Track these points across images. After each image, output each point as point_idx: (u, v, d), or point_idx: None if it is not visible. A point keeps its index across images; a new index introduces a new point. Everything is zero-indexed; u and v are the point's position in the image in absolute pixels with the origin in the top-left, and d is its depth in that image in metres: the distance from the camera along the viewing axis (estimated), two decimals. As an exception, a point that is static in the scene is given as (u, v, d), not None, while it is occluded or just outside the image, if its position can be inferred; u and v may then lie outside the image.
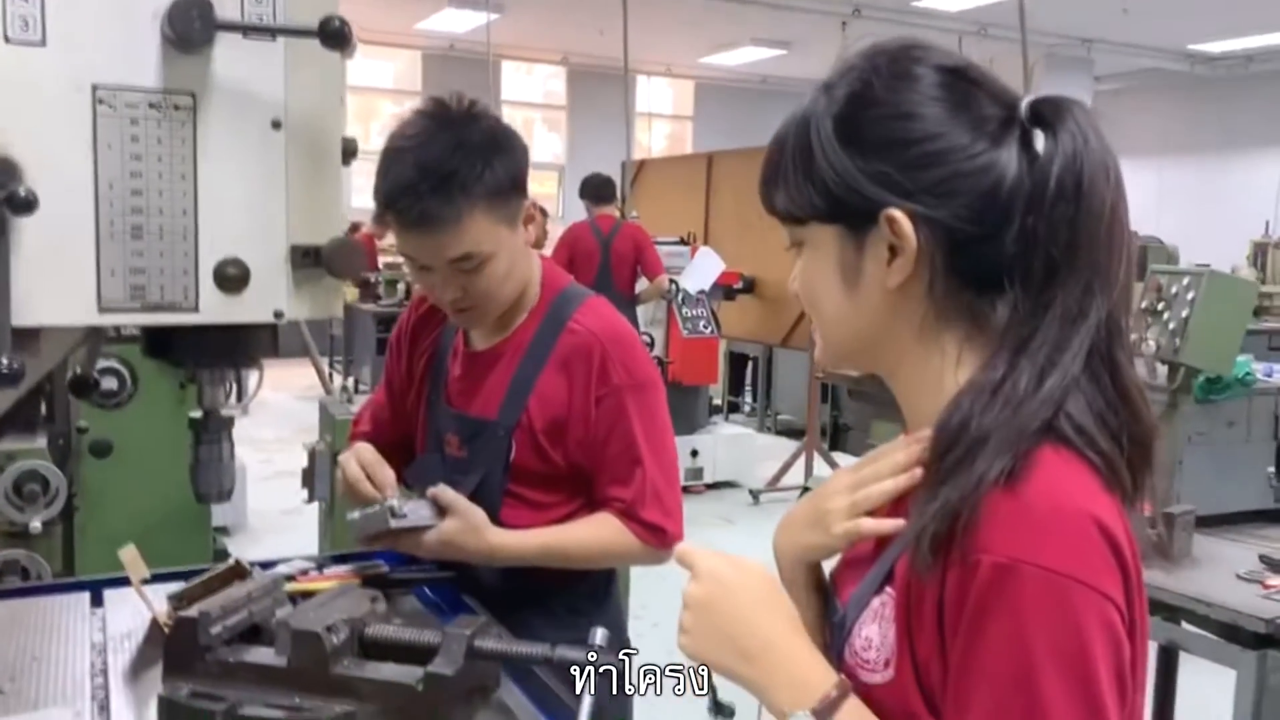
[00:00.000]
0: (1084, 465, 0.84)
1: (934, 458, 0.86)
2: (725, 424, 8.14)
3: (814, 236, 0.95)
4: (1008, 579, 0.78)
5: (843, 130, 0.90)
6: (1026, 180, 0.87)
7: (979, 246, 0.88)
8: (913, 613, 0.86)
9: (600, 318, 1.75)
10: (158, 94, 1.17)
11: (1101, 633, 0.78)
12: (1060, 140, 0.87)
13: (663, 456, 1.73)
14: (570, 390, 1.70)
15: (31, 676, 1.37)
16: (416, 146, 1.59)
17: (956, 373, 0.91)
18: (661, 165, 9.78)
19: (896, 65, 0.91)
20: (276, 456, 6.91)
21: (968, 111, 0.89)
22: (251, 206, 1.22)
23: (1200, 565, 2.66)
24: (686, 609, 0.94)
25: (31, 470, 2.77)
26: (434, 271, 1.66)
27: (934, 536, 0.82)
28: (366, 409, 2.03)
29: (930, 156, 0.88)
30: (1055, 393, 0.84)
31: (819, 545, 1.00)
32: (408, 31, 13.18)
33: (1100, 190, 0.86)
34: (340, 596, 1.40)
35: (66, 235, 1.15)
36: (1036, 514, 0.80)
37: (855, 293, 0.93)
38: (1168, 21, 11.75)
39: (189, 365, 1.34)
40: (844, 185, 0.90)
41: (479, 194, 1.59)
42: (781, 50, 13.78)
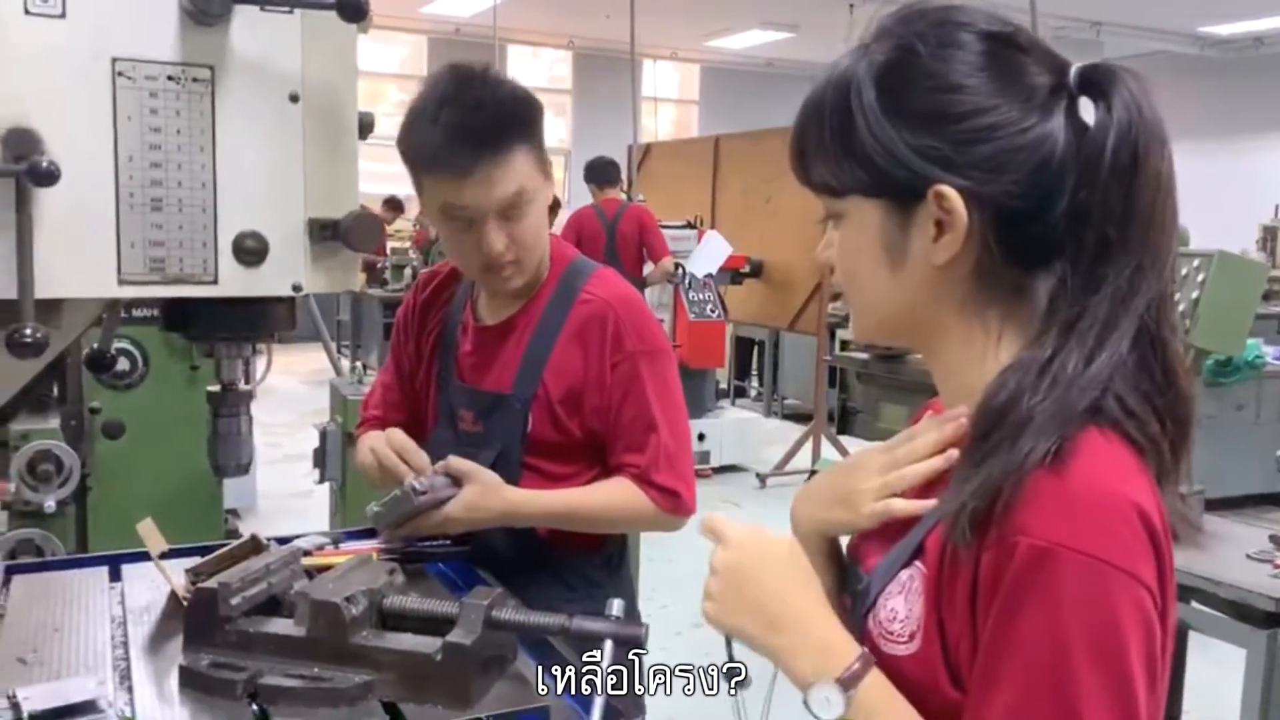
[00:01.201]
0: (1127, 448, 0.83)
1: (977, 435, 0.85)
2: (732, 408, 8.15)
3: (854, 210, 0.91)
4: (1045, 562, 0.78)
5: (887, 101, 0.87)
6: (1076, 151, 0.85)
7: (1028, 222, 0.86)
8: (944, 588, 0.85)
9: (611, 286, 1.77)
10: (177, 66, 1.18)
11: (1136, 618, 0.78)
12: (1114, 109, 0.84)
13: (676, 423, 1.74)
14: (585, 358, 1.71)
15: (53, 647, 1.38)
16: (454, 97, 1.61)
17: (998, 349, 0.90)
18: (668, 149, 9.76)
19: (942, 32, 0.87)
20: (285, 440, 6.94)
21: (1017, 82, 0.86)
22: (270, 179, 1.23)
23: (1210, 545, 2.67)
24: (714, 574, 0.94)
25: (45, 450, 2.79)
26: (477, 226, 1.64)
27: (973, 513, 0.81)
28: (375, 391, 2.03)
29: (981, 131, 0.85)
30: (1103, 373, 0.82)
31: (843, 522, 1.00)
32: (413, 15, 13.14)
33: (1155, 162, 0.83)
34: (358, 569, 1.41)
35: (87, 207, 1.15)
36: (1077, 498, 0.79)
37: (899, 269, 0.90)
38: (1177, 3, 11.68)
39: (207, 339, 1.35)
40: (890, 159, 0.87)
41: (522, 134, 1.64)
42: (788, 33, 13.71)
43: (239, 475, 1.41)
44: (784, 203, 7.17)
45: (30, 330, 1.06)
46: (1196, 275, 3.63)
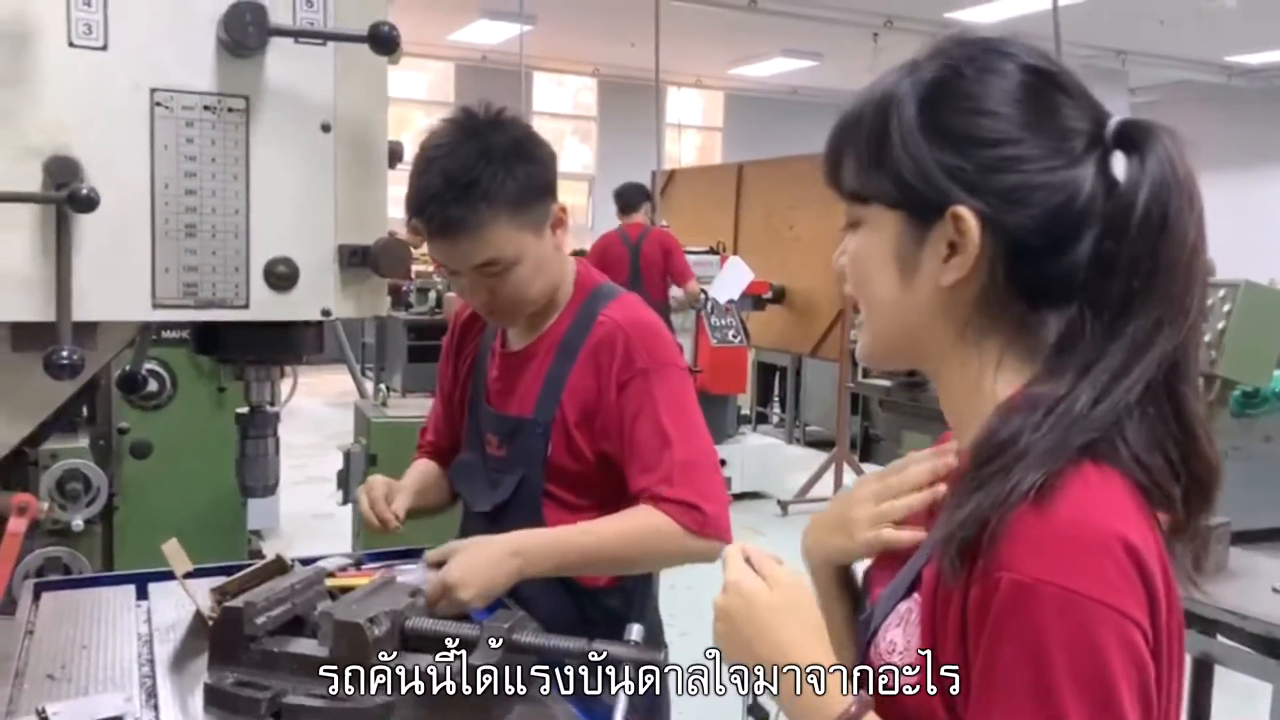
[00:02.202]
0: (1126, 485, 0.83)
1: (972, 466, 0.85)
2: (753, 434, 8.13)
3: (875, 218, 0.92)
4: (1027, 598, 0.77)
5: (924, 117, 0.88)
6: (1102, 201, 0.86)
7: (1040, 259, 0.86)
8: (937, 621, 0.86)
9: (627, 309, 1.77)
10: (213, 97, 1.21)
11: (1122, 652, 0.77)
12: (1148, 167, 0.84)
13: (691, 439, 1.68)
14: (599, 379, 1.71)
15: (81, 664, 1.40)
16: (443, 155, 1.62)
17: (995, 379, 0.90)
18: (691, 175, 9.81)
19: (987, 58, 0.89)
20: (309, 462, 6.97)
21: (1050, 120, 0.87)
22: (301, 207, 1.26)
23: (1236, 578, 2.64)
24: (715, 620, 0.95)
25: (74, 469, 2.83)
26: (462, 275, 1.70)
27: (961, 544, 0.81)
28: (430, 417, 2.07)
29: (1007, 161, 0.86)
30: (1106, 416, 0.82)
31: (843, 550, 1.02)
32: (441, 43, 13.29)
33: (1184, 222, 0.84)
34: (381, 590, 1.43)
35: (123, 233, 1.18)
36: (1060, 532, 0.79)
37: (907, 283, 0.91)
38: (1204, 33, 11.65)
39: (237, 361, 1.37)
40: (916, 173, 0.88)
41: (502, 202, 1.62)
42: (812, 61, 13.78)
43: (266, 496, 1.43)
44: (807, 229, 7.18)
45: (68, 352, 1.09)
46: (1222, 306, 3.62)
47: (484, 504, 1.81)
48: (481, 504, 1.81)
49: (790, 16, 10.76)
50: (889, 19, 10.83)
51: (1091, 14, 9.96)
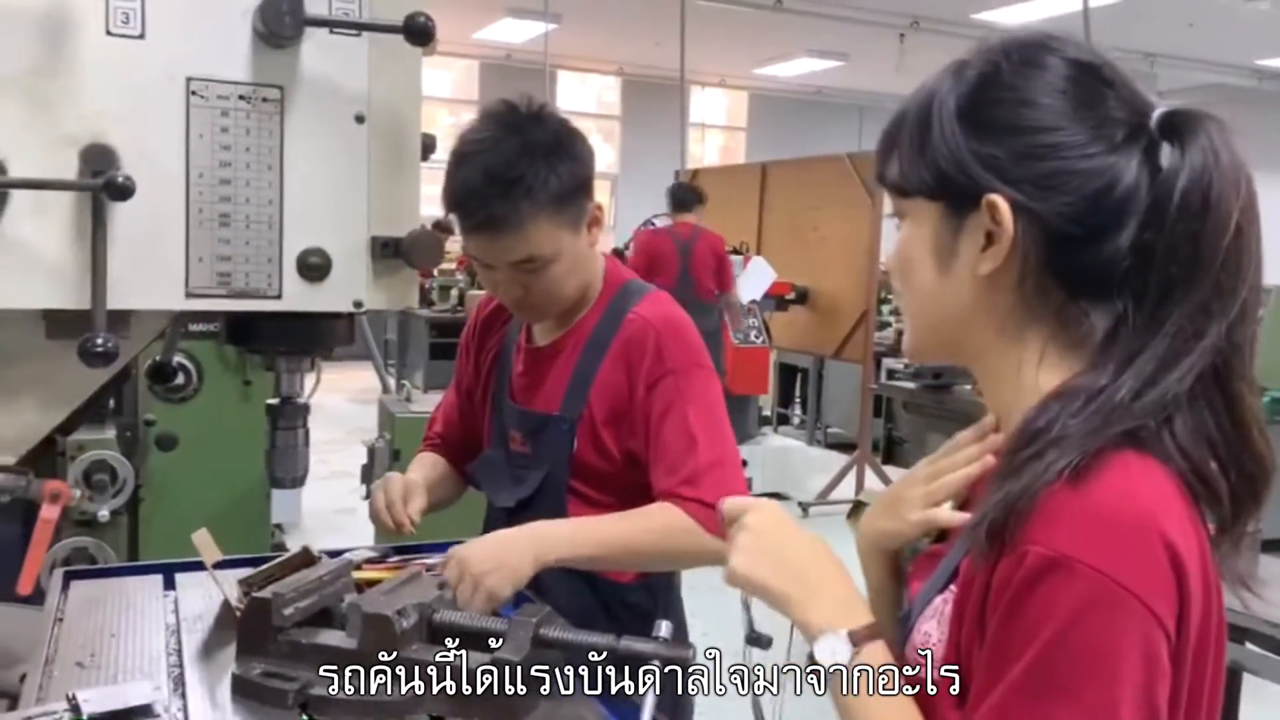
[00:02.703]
0: (1169, 478, 0.81)
1: (1007, 453, 0.84)
2: (775, 435, 8.11)
3: (916, 211, 0.93)
4: (1051, 571, 0.76)
5: (963, 109, 0.89)
6: (1145, 192, 0.85)
7: (1078, 248, 0.86)
8: (962, 604, 0.85)
9: (657, 306, 1.76)
10: (248, 86, 1.21)
11: (1136, 648, 0.75)
12: (1189, 155, 0.84)
13: (717, 440, 1.68)
14: (629, 378, 1.70)
15: (110, 652, 1.41)
16: (484, 150, 1.61)
17: (1039, 371, 0.89)
18: (715, 175, 9.78)
19: (1027, 52, 0.89)
20: (332, 457, 7.00)
21: (1092, 110, 0.86)
22: (334, 198, 1.26)
23: (1267, 586, 2.61)
24: (744, 530, 0.96)
25: (101, 460, 2.85)
26: (497, 270, 1.69)
27: (991, 524, 0.81)
28: (438, 411, 2.06)
29: (1043, 149, 0.86)
30: (1150, 406, 0.81)
31: (894, 532, 1.01)
32: (465, 41, 13.33)
33: (1228, 208, 0.82)
34: (408, 583, 1.42)
35: (158, 222, 1.19)
36: (1097, 512, 0.77)
37: (946, 274, 0.92)
38: (1234, 36, 11.53)
39: (268, 352, 1.38)
40: (953, 163, 0.88)
41: (543, 199, 1.61)
42: (838, 61, 13.74)
43: (296, 487, 1.44)
44: (831, 230, 7.15)
45: (102, 340, 1.09)
46: (1253, 310, 3.60)
47: (508, 500, 1.80)
48: (505, 499, 1.81)
49: (816, 16, 10.72)
50: (915, 19, 10.77)
51: (1121, 16, 9.88)
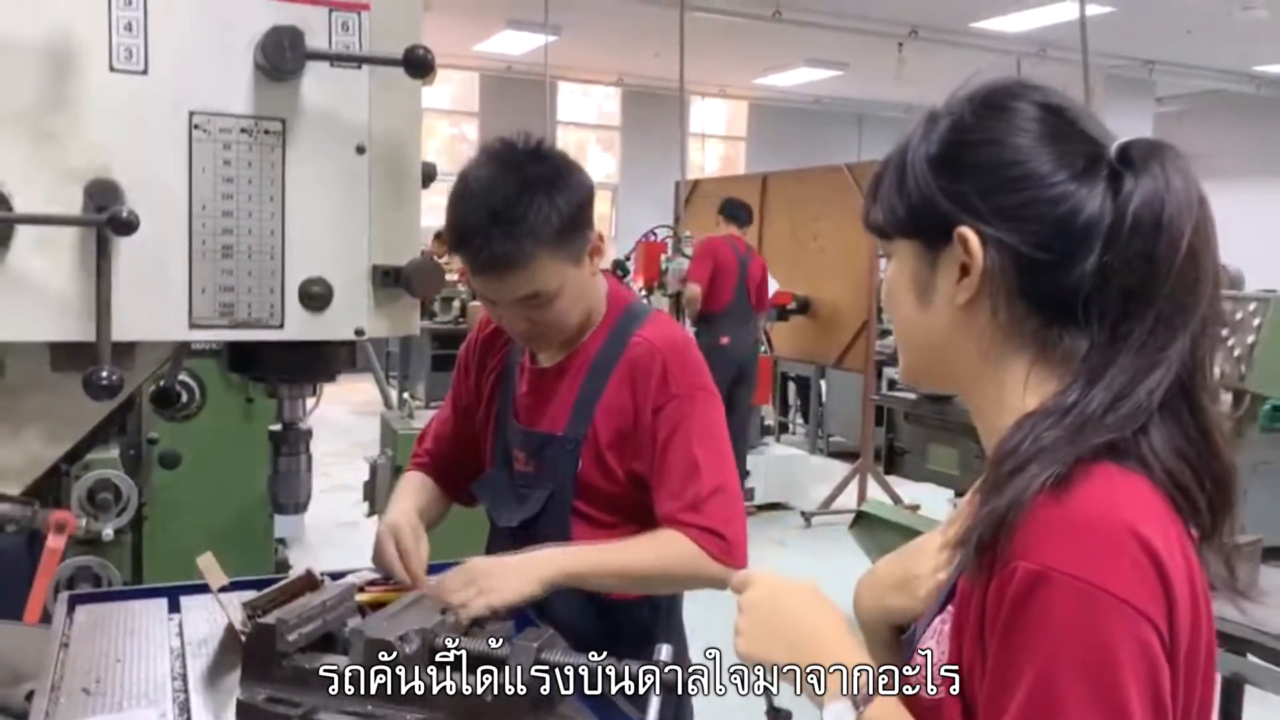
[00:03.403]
0: (1149, 487, 0.84)
1: (989, 471, 0.87)
2: (777, 445, 8.11)
3: (898, 249, 0.99)
4: (1040, 586, 0.78)
5: (933, 153, 0.94)
6: (1109, 218, 0.88)
7: (1048, 275, 0.89)
8: (960, 621, 0.87)
9: (662, 329, 1.78)
10: (249, 120, 1.22)
11: (1134, 651, 0.77)
12: (1141, 180, 0.88)
13: (720, 466, 1.71)
14: (635, 401, 1.72)
15: (116, 678, 1.42)
16: (486, 190, 1.63)
17: (1024, 396, 0.92)
18: (715, 186, 9.78)
19: (994, 97, 0.94)
20: (333, 470, 7.01)
21: (1055, 145, 0.90)
22: (336, 228, 1.27)
23: (1267, 596, 2.61)
24: (743, 612, 1.00)
25: (105, 479, 2.86)
26: (501, 305, 1.71)
27: (979, 540, 0.83)
28: (430, 426, 2.06)
29: (1008, 182, 0.90)
30: (1124, 419, 0.84)
31: (904, 609, 1.03)
32: (466, 53, 13.37)
33: (1180, 228, 0.86)
34: (411, 607, 1.44)
35: (161, 254, 1.20)
36: (1076, 523, 0.80)
37: (927, 306, 0.96)
38: (1232, 43, 11.56)
39: (270, 380, 1.39)
40: (925, 201, 0.94)
41: (546, 236, 1.63)
42: (837, 71, 13.77)
43: (299, 513, 1.45)
44: (831, 240, 7.17)
45: (107, 372, 1.10)
46: (1252, 320, 3.59)
47: (511, 520, 1.81)
48: (509, 520, 1.82)
49: (814, 27, 10.76)
50: (914, 29, 10.81)
51: (1119, 24, 9.91)
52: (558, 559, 1.62)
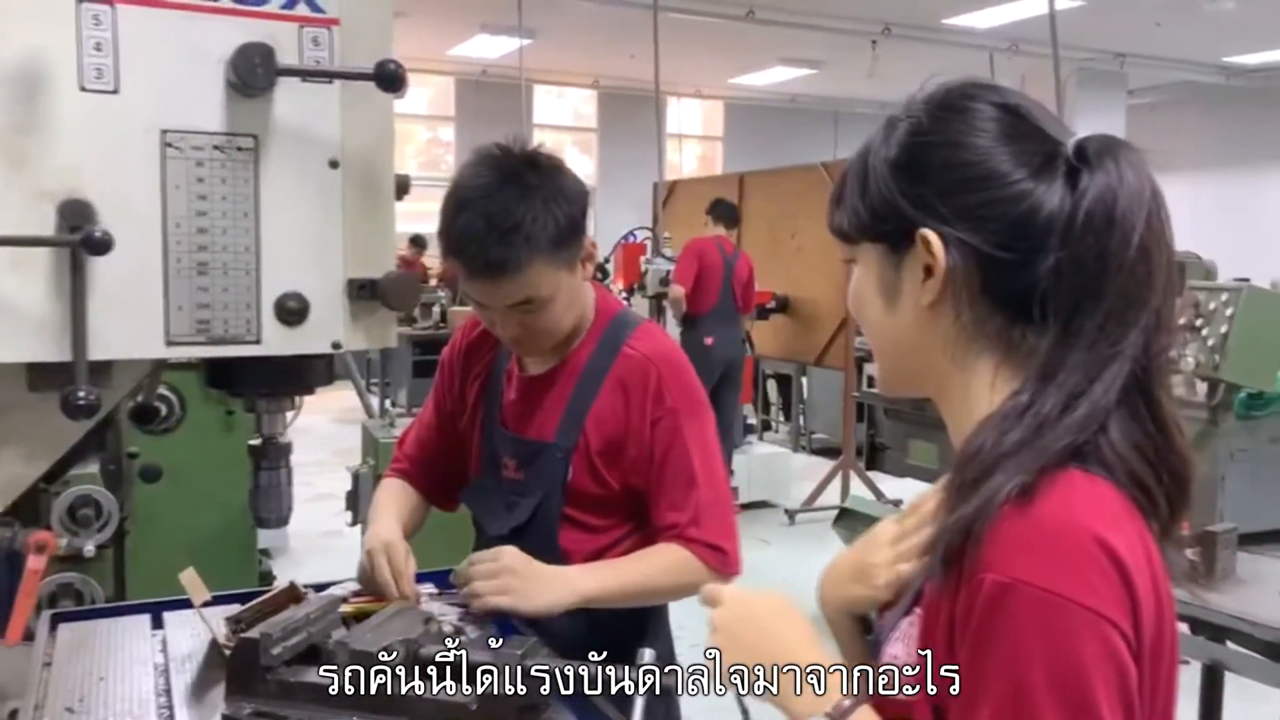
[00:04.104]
0: (1113, 491, 0.85)
1: (953, 475, 0.88)
2: (760, 443, 8.14)
3: (863, 254, 1.00)
4: (1006, 598, 0.79)
5: (893, 157, 0.95)
6: (1066, 215, 0.89)
7: (1010, 273, 0.90)
8: (928, 628, 0.88)
9: (655, 341, 1.80)
10: (222, 136, 1.23)
11: (1100, 655, 0.78)
12: (1095, 176, 0.88)
13: (716, 479, 1.76)
14: (627, 412, 1.73)
15: (99, 696, 1.42)
16: (483, 196, 1.63)
17: (991, 397, 0.93)
18: (692, 186, 9.81)
19: (951, 99, 0.95)
20: (316, 479, 6.99)
21: (1012, 144, 0.91)
22: (310, 242, 1.27)
23: (1244, 583, 2.64)
24: (714, 632, 1.00)
25: (85, 495, 2.83)
26: (494, 310, 1.71)
27: (946, 550, 0.84)
28: (411, 430, 2.06)
29: (967, 182, 0.91)
30: (1085, 421, 0.85)
31: (863, 598, 1.04)
32: (441, 57, 13.35)
33: (1131, 224, 0.87)
34: (395, 617, 1.44)
35: (136, 273, 1.20)
36: (1041, 533, 0.81)
37: (894, 309, 0.97)
38: (1201, 34, 11.67)
39: (249, 395, 1.39)
40: (887, 205, 0.95)
41: (542, 243, 1.63)
42: (811, 69, 13.82)
43: (280, 527, 1.45)
44: (809, 238, 7.20)
45: (84, 393, 1.10)
46: (1225, 310, 3.63)
47: (500, 527, 1.82)
48: (498, 527, 1.83)
49: (788, 26, 10.80)
50: (886, 26, 10.86)
51: (1088, 17, 9.99)
52: (576, 580, 1.67)
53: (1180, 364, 3.58)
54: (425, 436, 2.00)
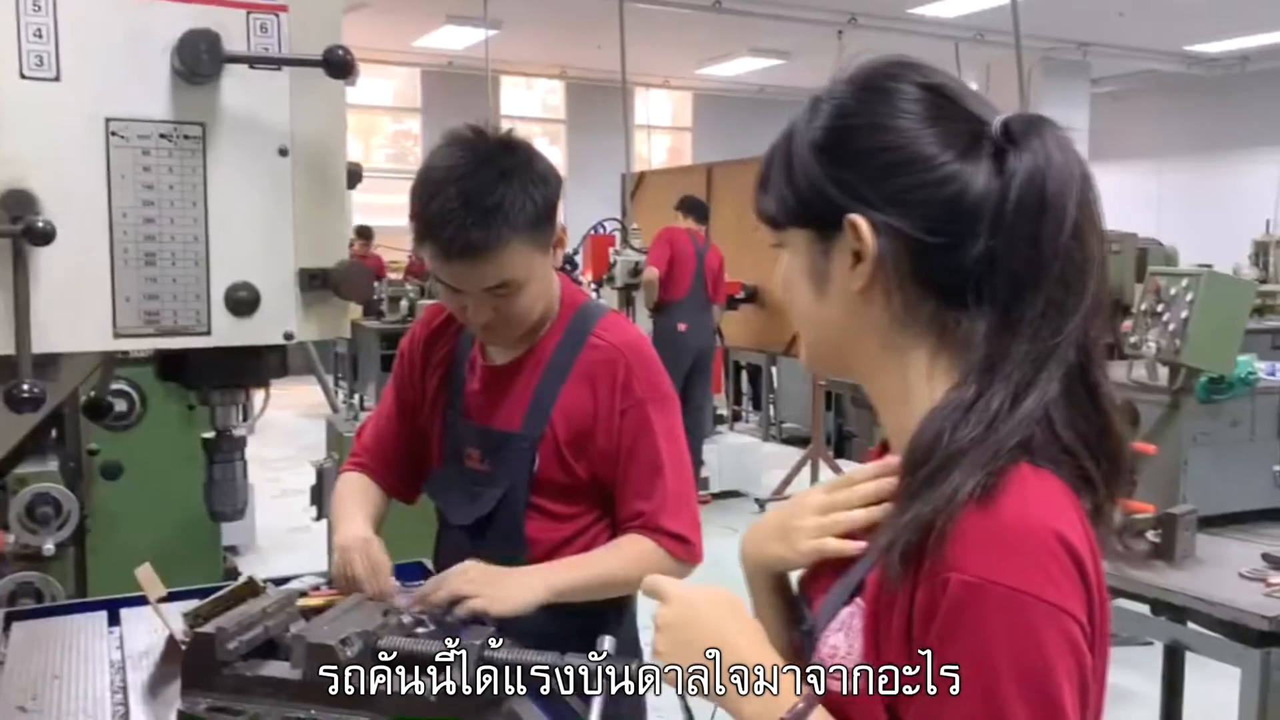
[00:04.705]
0: (1059, 483, 0.86)
1: (907, 472, 0.87)
2: (730, 433, 8.16)
3: (791, 240, 0.98)
4: (975, 597, 0.80)
5: (817, 141, 0.93)
6: (995, 197, 0.88)
7: (941, 257, 0.89)
8: (881, 623, 0.87)
9: (621, 331, 1.79)
10: (168, 125, 1.21)
11: (1064, 649, 0.80)
12: (1023, 157, 0.87)
13: (681, 469, 1.76)
14: (595, 402, 1.73)
15: (53, 694, 1.40)
16: (460, 177, 1.60)
17: (928, 385, 0.92)
18: (661, 177, 9.82)
19: (874, 80, 0.94)
20: (283, 475, 6.94)
21: (938, 125, 0.90)
22: (261, 232, 1.26)
23: (1204, 565, 2.68)
24: (658, 632, 0.98)
25: (44, 493, 2.80)
26: (467, 295, 1.68)
27: (905, 547, 0.83)
28: (370, 422, 2.03)
29: (894, 166, 0.89)
30: (1034, 412, 0.85)
31: (782, 559, 1.02)
32: (406, 49, 13.25)
33: (1062, 206, 0.86)
34: (353, 610, 1.43)
35: (82, 264, 1.18)
36: (1005, 532, 0.81)
37: (824, 296, 0.96)
38: (1163, 23, 11.78)
39: (202, 387, 1.37)
40: (814, 191, 0.93)
41: (520, 224, 1.62)
42: (779, 60, 13.84)
43: (236, 520, 1.44)
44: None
45: (28, 386, 1.08)
46: (1186, 295, 3.67)
47: (464, 518, 1.81)
48: (462, 517, 1.82)
49: (755, 16, 10.80)
50: (853, 16, 10.88)
51: (1051, 6, 10.05)
52: (546, 576, 1.66)
53: (1142, 349, 3.62)
54: (384, 428, 1.97)
